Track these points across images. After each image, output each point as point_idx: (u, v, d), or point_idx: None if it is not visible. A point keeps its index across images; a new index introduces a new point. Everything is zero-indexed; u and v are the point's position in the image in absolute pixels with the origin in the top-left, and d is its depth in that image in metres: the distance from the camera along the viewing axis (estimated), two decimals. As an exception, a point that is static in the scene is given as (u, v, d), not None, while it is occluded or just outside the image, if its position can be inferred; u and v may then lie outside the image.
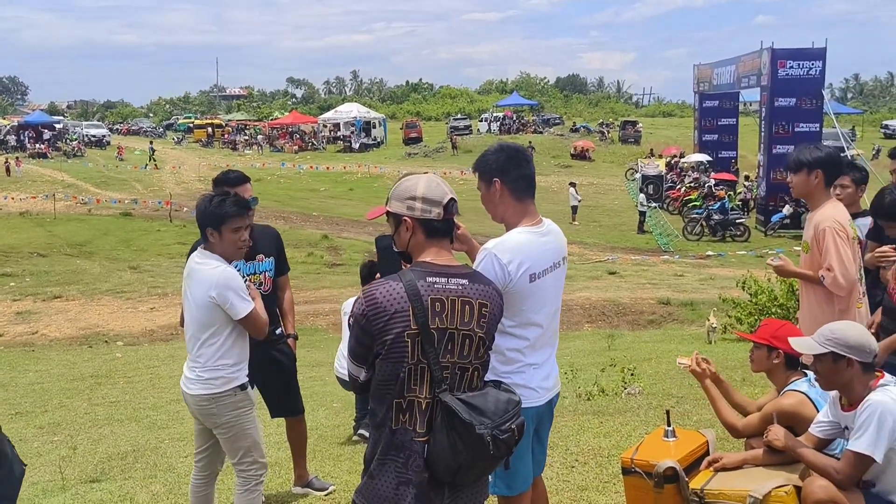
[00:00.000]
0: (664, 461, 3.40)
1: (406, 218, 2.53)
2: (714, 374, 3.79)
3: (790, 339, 3.36)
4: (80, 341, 14.31)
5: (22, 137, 50.04)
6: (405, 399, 2.40)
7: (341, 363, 5.81)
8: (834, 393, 3.25)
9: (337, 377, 6.05)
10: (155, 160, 43.33)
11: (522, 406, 2.94)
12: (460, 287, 2.47)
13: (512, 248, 3.01)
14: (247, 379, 3.80)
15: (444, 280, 2.45)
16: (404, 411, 2.41)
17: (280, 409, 4.81)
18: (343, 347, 5.74)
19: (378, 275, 3.06)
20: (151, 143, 47.89)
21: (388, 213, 2.60)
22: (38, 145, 48.03)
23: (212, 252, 3.71)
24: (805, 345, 3.23)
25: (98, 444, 6.63)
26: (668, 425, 3.73)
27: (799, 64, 21.66)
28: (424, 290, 2.41)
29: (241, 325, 3.71)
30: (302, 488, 4.84)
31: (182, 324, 3.89)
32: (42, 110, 75.99)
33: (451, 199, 2.57)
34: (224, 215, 3.65)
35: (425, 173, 2.72)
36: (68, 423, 7.54)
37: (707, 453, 3.60)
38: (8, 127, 53.78)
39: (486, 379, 2.59)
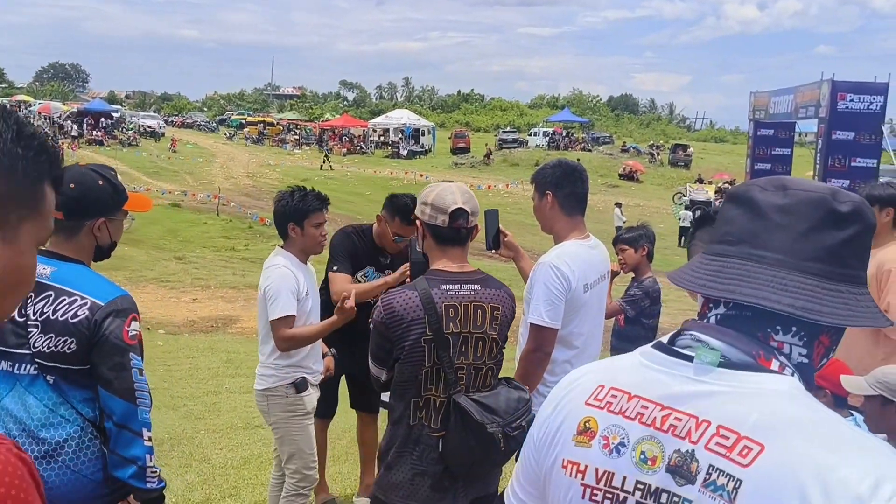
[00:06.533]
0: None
1: (419, 221, 2.69)
2: None
3: (842, 377, 3.28)
4: (122, 326, 14.58)
5: (80, 124, 51.42)
6: (422, 398, 2.55)
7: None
8: (882, 437, 3.17)
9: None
10: (330, 161, 43.24)
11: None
12: (472, 292, 2.59)
13: (569, 260, 3.10)
14: (303, 377, 3.75)
15: (456, 287, 2.58)
16: (421, 409, 2.56)
17: (359, 402, 4.79)
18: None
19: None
20: (326, 154, 46.58)
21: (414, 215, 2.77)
22: (95, 132, 49.32)
23: (288, 251, 3.75)
24: (855, 384, 3.15)
25: (135, 428, 6.75)
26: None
27: (860, 98, 21.19)
28: (438, 297, 2.53)
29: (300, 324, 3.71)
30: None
31: None
32: (101, 98, 77.98)
33: (459, 208, 2.61)
34: (307, 209, 3.69)
35: (451, 182, 2.78)
36: (107, 405, 7.69)
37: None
38: (68, 113, 55.29)
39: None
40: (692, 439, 1.05)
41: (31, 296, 2.30)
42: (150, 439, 2.38)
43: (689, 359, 1.12)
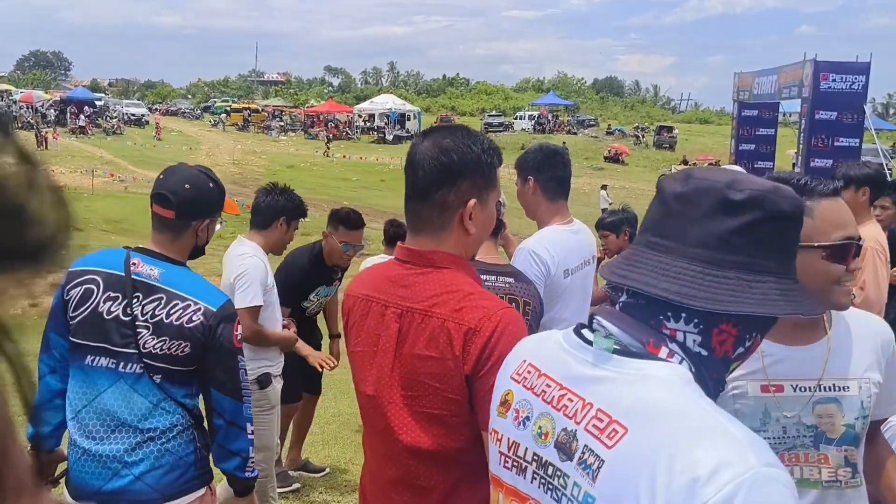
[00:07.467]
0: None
1: None
2: None
3: None
4: (111, 316, 14.51)
5: (63, 112, 50.83)
6: None
7: None
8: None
9: None
10: (329, 147, 43.11)
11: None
12: (507, 285, 2.54)
13: (549, 245, 3.09)
14: (268, 372, 3.78)
15: (493, 278, 2.52)
16: None
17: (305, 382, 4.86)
18: None
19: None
20: (327, 140, 46.31)
21: None
22: (78, 121, 48.82)
23: (253, 241, 3.77)
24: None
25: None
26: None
27: (842, 77, 21.27)
28: None
29: (262, 319, 3.74)
30: (295, 472, 4.87)
31: None
32: (84, 87, 76.99)
33: (498, 200, 2.64)
34: (302, 213, 3.88)
35: None
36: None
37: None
38: (50, 101, 54.62)
39: None
40: (577, 420, 1.13)
41: (137, 296, 2.35)
42: (252, 432, 2.49)
43: (592, 343, 1.19)
